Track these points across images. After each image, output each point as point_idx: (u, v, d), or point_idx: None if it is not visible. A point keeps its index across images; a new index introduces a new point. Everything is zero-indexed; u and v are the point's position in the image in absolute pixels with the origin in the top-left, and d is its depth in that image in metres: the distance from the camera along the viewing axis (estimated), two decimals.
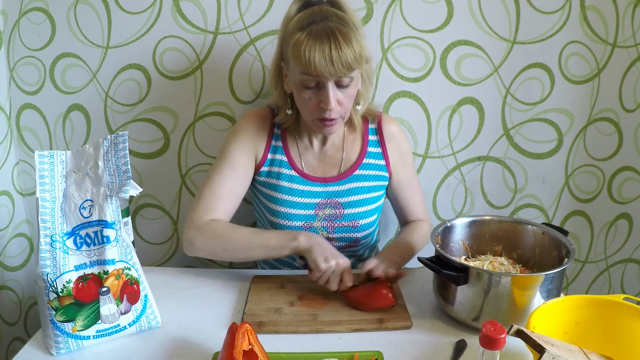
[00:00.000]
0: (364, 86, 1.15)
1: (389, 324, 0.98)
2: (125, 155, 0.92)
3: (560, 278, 0.96)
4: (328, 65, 1.00)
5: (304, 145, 1.22)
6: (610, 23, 1.37)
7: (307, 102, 1.08)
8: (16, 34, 1.37)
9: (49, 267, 0.87)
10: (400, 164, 1.25)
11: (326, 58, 0.99)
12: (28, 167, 1.48)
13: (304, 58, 1.00)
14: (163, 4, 1.34)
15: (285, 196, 1.18)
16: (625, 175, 1.50)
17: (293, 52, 1.02)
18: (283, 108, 1.17)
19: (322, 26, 1.01)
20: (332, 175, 1.21)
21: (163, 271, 1.21)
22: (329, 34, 1.00)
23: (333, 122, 1.09)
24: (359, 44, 1.02)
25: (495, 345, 0.70)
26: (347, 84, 1.06)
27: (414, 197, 1.29)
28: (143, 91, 1.41)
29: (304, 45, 1.00)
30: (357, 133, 1.24)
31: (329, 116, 1.07)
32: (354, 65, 1.02)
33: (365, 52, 1.04)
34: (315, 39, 1.00)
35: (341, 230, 1.20)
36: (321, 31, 1.00)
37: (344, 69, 1.01)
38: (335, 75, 1.02)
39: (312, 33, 1.00)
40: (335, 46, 0.99)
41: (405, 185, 1.27)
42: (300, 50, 1.00)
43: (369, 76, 1.15)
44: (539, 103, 1.43)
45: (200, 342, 0.94)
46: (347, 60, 1.00)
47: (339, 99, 1.07)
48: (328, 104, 1.05)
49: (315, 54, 0.99)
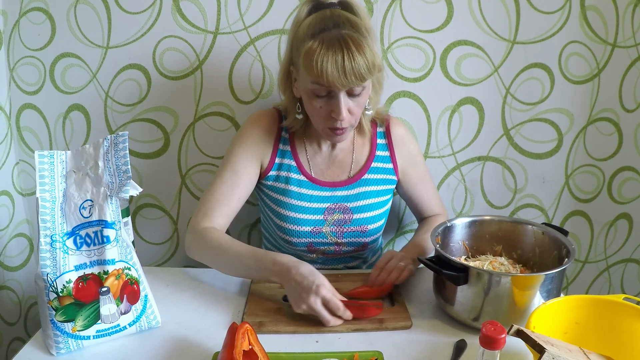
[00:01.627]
0: (374, 91, 1.14)
1: (389, 324, 0.98)
2: (125, 155, 0.92)
3: (560, 278, 0.96)
4: (341, 76, 0.98)
5: (313, 150, 1.21)
6: (610, 23, 1.37)
7: (317, 111, 1.07)
8: (16, 34, 1.37)
9: (49, 267, 0.87)
10: (410, 165, 1.25)
11: (339, 69, 0.97)
12: (28, 167, 1.48)
13: (317, 69, 0.98)
14: (163, 4, 1.34)
15: (294, 201, 1.18)
16: (625, 175, 1.50)
17: (305, 61, 1.00)
18: (292, 112, 1.16)
19: (335, 34, 0.98)
20: (341, 179, 1.21)
21: (163, 271, 1.21)
22: (341, 44, 0.97)
23: (343, 131, 1.08)
24: (372, 52, 0.99)
25: (495, 345, 0.71)
26: (359, 93, 1.04)
27: (428, 193, 1.30)
28: (143, 91, 1.41)
29: (316, 55, 0.97)
30: (366, 137, 1.23)
31: (340, 126, 1.06)
32: (367, 76, 1.00)
33: (378, 60, 1.02)
34: (328, 49, 0.97)
35: (350, 235, 1.19)
36: (333, 40, 0.97)
37: (356, 79, 0.99)
38: (347, 86, 1.01)
39: (325, 42, 0.97)
40: (349, 56, 0.96)
41: (416, 183, 1.28)
42: (312, 60, 0.98)
43: (379, 81, 1.14)
44: (539, 103, 1.43)
45: (200, 342, 0.94)
46: (359, 71, 0.98)
47: (350, 108, 1.05)
48: (339, 114, 1.03)
49: (327, 65, 0.97)
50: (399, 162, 1.24)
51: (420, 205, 1.31)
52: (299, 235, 1.18)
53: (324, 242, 1.19)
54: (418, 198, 1.29)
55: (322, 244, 1.19)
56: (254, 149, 1.18)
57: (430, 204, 1.31)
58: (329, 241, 1.19)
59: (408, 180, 1.27)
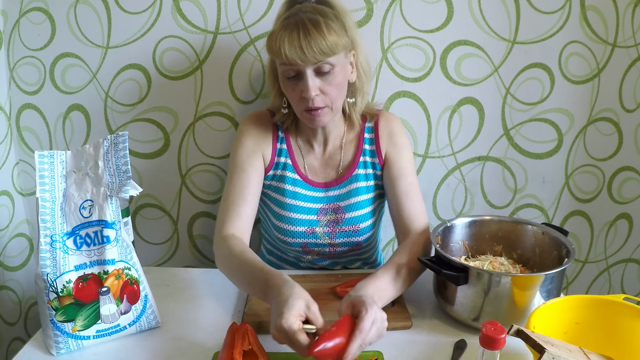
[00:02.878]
0: (359, 79, 1.14)
1: (389, 324, 0.97)
2: (125, 155, 0.92)
3: (560, 278, 0.96)
4: (297, 51, 1.00)
5: (306, 148, 1.21)
6: (610, 23, 1.37)
7: (292, 95, 1.09)
8: (16, 34, 1.37)
9: (49, 267, 0.87)
10: (393, 156, 1.18)
11: (295, 45, 1.00)
12: (28, 167, 1.48)
13: (275, 47, 1.01)
14: (163, 4, 1.34)
15: (288, 200, 1.18)
16: (625, 175, 1.50)
17: (267, 44, 1.04)
18: (279, 107, 1.17)
19: (295, 18, 1.02)
20: (332, 177, 1.21)
21: (163, 271, 1.21)
22: (298, 24, 1.01)
23: (319, 112, 1.07)
24: (334, 31, 1.01)
25: (495, 345, 0.71)
26: (328, 71, 1.04)
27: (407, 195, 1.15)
28: (143, 91, 1.41)
29: (275, 35, 1.02)
30: (354, 132, 1.22)
31: (312, 105, 1.06)
32: (326, 50, 1.01)
33: (343, 39, 1.04)
34: (286, 29, 1.01)
35: (343, 235, 1.19)
36: (292, 22, 1.02)
37: (315, 54, 1.00)
38: (308, 62, 1.02)
39: (284, 25, 1.02)
40: (305, 33, 1.00)
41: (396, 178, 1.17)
42: (271, 41, 1.02)
43: (363, 69, 1.14)
44: (539, 103, 1.43)
45: (200, 342, 0.94)
46: (318, 46, 1.00)
47: (321, 88, 1.06)
48: (307, 91, 1.04)
49: (284, 42, 1.00)
50: (383, 154, 1.19)
51: (399, 206, 1.15)
52: (294, 235, 1.18)
53: (317, 243, 1.19)
54: (395, 196, 1.16)
55: (316, 245, 1.19)
56: (255, 146, 1.18)
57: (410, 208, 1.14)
58: (323, 242, 1.19)
59: (389, 174, 1.17)
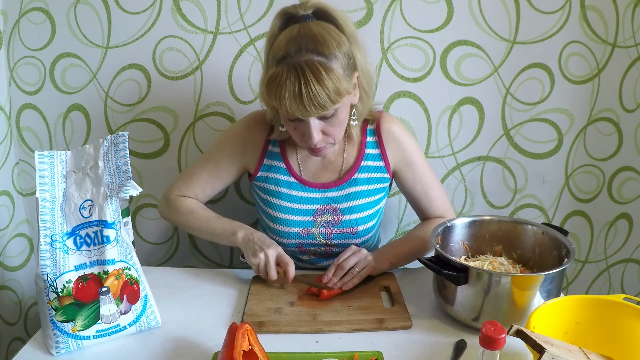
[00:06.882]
0: (361, 101, 1.09)
1: (389, 324, 0.98)
2: (125, 155, 0.92)
3: (560, 278, 0.96)
4: (299, 107, 0.95)
5: (304, 153, 1.19)
6: (610, 23, 1.37)
7: (293, 133, 1.07)
8: (16, 34, 1.37)
9: (49, 267, 0.87)
10: (405, 163, 1.20)
11: (296, 100, 0.94)
12: (28, 167, 1.48)
13: (276, 100, 0.96)
14: (163, 4, 1.34)
15: (283, 202, 1.18)
16: (625, 175, 1.50)
17: (267, 89, 0.98)
18: (277, 124, 1.14)
19: (295, 61, 0.94)
20: (332, 180, 1.20)
21: (163, 271, 1.21)
22: (299, 73, 0.93)
23: (322, 150, 1.07)
24: (336, 78, 0.95)
25: (495, 345, 0.71)
26: (331, 115, 1.01)
27: (427, 194, 1.22)
28: (143, 91, 1.41)
29: (274, 85, 0.95)
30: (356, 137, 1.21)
31: (315, 147, 1.05)
32: (328, 105, 0.96)
33: (344, 85, 0.97)
34: (287, 79, 0.94)
35: (339, 236, 1.19)
36: (291, 69, 0.94)
37: (317, 109, 0.96)
38: (309, 115, 0.98)
39: (284, 71, 0.94)
40: (306, 86, 0.93)
41: (414, 183, 1.21)
42: (271, 91, 0.96)
43: (364, 90, 1.09)
44: (539, 103, 1.43)
45: (200, 342, 0.94)
46: (319, 101, 0.94)
47: (324, 130, 1.03)
48: (310, 139, 1.02)
49: (285, 96, 0.94)
50: (391, 160, 1.19)
51: (420, 206, 1.24)
52: (289, 236, 1.18)
53: (313, 243, 1.19)
54: (416, 198, 1.23)
55: (312, 245, 1.19)
56: (240, 151, 1.20)
57: (431, 205, 1.23)
58: (319, 242, 1.19)
59: (404, 179, 1.22)
